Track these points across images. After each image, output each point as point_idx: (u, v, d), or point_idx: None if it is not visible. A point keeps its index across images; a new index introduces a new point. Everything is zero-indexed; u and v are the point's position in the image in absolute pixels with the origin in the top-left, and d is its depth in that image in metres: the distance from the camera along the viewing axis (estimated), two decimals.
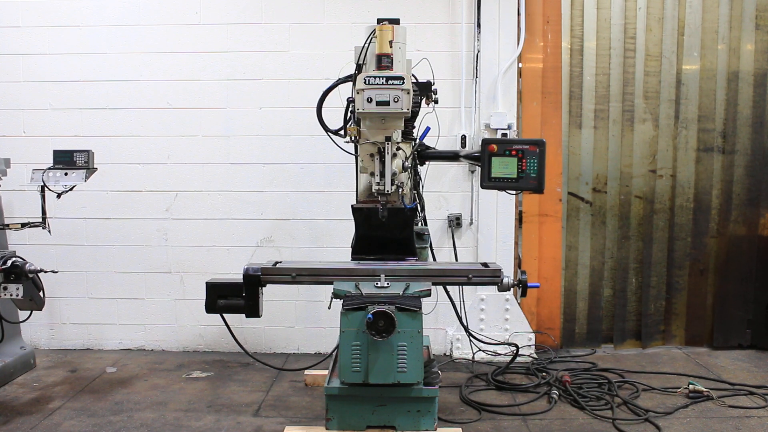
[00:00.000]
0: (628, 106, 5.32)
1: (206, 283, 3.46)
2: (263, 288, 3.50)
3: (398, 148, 3.62)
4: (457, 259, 5.15)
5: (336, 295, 3.42)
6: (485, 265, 3.60)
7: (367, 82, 3.43)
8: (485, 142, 3.62)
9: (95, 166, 4.34)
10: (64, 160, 4.30)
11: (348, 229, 4.02)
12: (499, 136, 5.07)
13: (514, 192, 3.92)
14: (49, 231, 4.31)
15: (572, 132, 5.34)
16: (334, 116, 3.95)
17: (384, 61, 3.54)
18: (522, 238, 5.34)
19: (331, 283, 3.51)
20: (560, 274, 5.43)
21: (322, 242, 5.28)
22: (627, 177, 5.39)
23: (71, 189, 4.26)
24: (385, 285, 3.43)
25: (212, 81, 5.23)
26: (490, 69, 5.13)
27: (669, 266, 5.47)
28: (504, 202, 5.18)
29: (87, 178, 4.29)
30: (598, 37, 5.27)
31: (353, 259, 3.91)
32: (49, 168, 4.27)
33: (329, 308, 3.54)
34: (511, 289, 3.50)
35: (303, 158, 5.21)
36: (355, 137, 3.65)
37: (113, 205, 5.33)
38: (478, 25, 5.11)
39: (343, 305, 3.31)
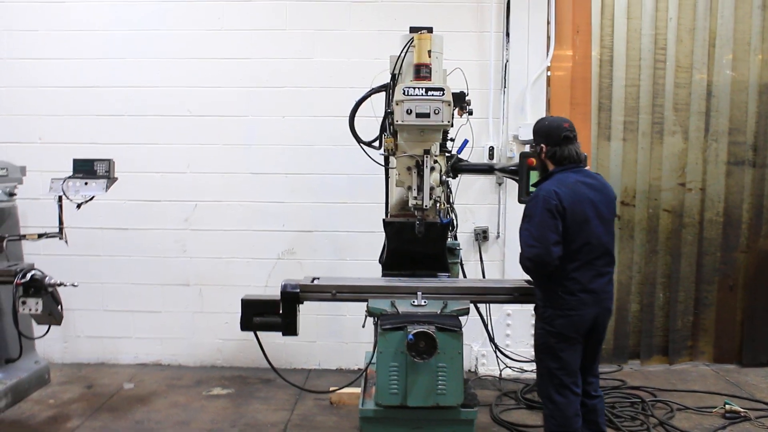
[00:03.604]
0: (658, 118, 5.22)
1: (242, 299, 3.34)
2: (300, 305, 3.39)
3: (435, 161, 3.49)
4: (484, 274, 5.02)
5: (371, 312, 3.29)
6: (529, 282, 3.47)
7: (406, 93, 3.29)
8: (523, 156, 3.52)
9: (116, 176, 4.19)
10: (85, 169, 4.13)
11: (371, 243, 3.90)
12: (527, 148, 4.93)
13: None
14: (66, 242, 4.17)
15: (601, 144, 5.24)
16: (361, 126, 3.81)
17: (423, 71, 3.41)
18: None
19: (366, 300, 3.38)
20: None
21: (345, 255, 5.15)
22: (656, 190, 5.28)
23: (91, 199, 4.12)
24: (422, 303, 3.30)
25: (233, 88, 5.11)
26: (519, 79, 5.02)
27: (697, 281, 5.36)
28: None
29: (108, 188, 4.13)
30: (628, 47, 5.17)
31: (384, 274, 3.78)
32: (69, 177, 4.10)
33: (363, 326, 3.42)
34: None
35: (326, 169, 5.10)
36: (392, 150, 3.52)
37: (130, 215, 5.20)
38: (507, 34, 5.00)
39: (380, 325, 3.17)
